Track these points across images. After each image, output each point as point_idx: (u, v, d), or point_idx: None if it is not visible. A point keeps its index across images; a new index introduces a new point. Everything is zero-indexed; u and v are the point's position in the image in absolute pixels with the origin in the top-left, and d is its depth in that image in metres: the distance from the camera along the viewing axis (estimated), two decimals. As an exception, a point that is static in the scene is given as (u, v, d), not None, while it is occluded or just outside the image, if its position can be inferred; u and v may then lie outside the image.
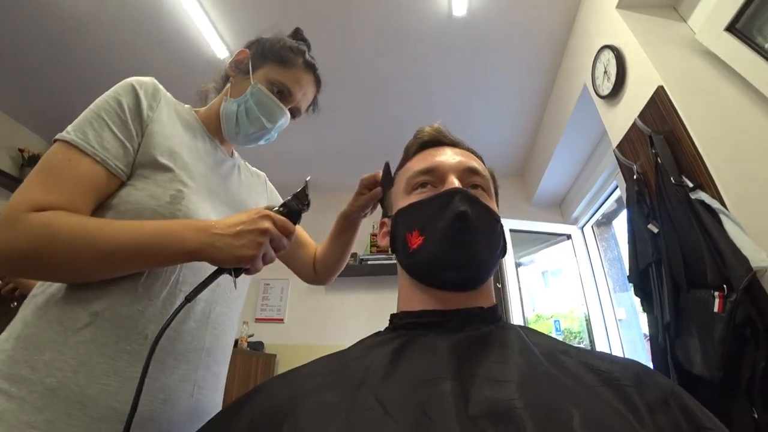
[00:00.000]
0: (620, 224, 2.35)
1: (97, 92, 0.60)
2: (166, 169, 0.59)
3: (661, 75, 1.27)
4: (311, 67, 0.77)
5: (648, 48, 1.34)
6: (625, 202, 1.47)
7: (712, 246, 0.98)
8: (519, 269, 3.08)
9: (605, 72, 1.56)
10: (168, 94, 0.68)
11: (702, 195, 1.07)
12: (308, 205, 0.60)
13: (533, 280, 3.33)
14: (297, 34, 0.82)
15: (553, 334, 3.02)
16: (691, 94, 1.21)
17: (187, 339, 0.57)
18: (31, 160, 2.70)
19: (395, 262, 0.57)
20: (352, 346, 0.52)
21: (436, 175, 0.53)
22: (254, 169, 0.91)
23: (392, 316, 0.54)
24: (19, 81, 2.34)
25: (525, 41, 2.01)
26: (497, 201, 0.60)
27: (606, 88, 1.56)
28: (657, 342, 1.14)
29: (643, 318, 2.04)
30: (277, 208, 0.57)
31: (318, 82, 0.80)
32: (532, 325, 3.50)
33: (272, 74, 0.72)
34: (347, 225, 0.82)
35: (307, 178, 0.61)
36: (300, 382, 0.44)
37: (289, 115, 0.76)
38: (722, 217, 1.00)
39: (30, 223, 0.46)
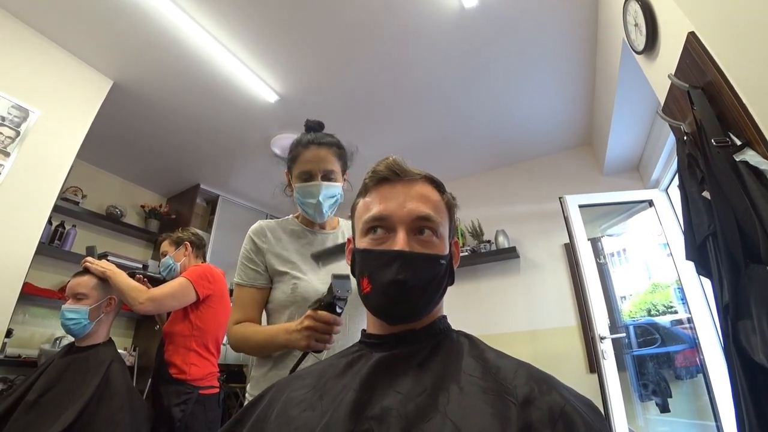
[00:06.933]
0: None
1: (191, 151, 1.00)
2: (283, 273, 0.97)
3: (691, 19, 1.11)
4: (312, 142, 1.00)
5: (673, -10, 1.17)
6: (677, 166, 1.29)
7: (757, 215, 0.85)
8: (604, 241, 2.82)
9: (635, 25, 1.39)
10: (272, 223, 1.04)
11: (748, 155, 0.92)
12: (337, 297, 0.75)
13: (645, 248, 2.98)
14: (306, 125, 1.07)
15: (675, 303, 2.61)
16: (729, 36, 1.02)
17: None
18: (152, 213, 3.34)
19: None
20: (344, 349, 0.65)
21: (387, 223, 0.58)
22: None
23: (361, 332, 0.66)
24: (133, 154, 3.01)
25: (553, 10, 1.86)
26: (453, 222, 0.65)
27: (640, 42, 1.39)
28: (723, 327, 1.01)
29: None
30: (317, 305, 0.78)
31: (327, 145, 1.01)
32: (648, 296, 3.09)
33: (297, 172, 1.02)
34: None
35: (331, 279, 0.76)
36: (294, 378, 0.61)
37: (324, 183, 1.00)
38: (771, 180, 0.85)
39: (231, 334, 0.95)
